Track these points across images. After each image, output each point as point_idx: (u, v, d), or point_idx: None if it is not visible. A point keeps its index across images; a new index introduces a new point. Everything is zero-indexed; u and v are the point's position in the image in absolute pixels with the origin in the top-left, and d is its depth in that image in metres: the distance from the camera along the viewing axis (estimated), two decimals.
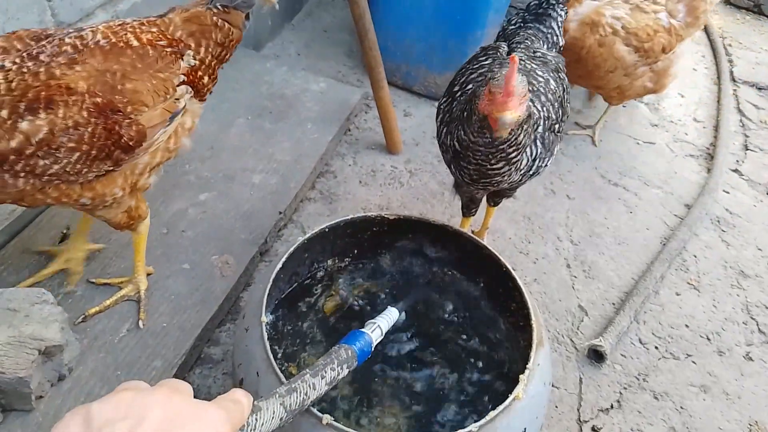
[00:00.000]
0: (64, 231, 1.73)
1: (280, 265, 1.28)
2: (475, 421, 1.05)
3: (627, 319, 1.85)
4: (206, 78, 1.49)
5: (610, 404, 1.68)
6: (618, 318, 1.84)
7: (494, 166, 1.45)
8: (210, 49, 1.47)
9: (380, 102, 2.32)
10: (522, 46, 1.68)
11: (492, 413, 1.05)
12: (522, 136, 1.39)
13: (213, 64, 1.50)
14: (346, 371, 1.07)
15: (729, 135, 2.89)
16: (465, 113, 1.43)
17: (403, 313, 1.37)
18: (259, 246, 1.81)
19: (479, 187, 1.62)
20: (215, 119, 2.18)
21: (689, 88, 3.32)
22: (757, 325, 1.97)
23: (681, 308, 1.98)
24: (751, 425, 1.67)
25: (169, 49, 1.37)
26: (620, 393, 1.71)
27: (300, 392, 0.95)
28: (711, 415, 1.68)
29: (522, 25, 1.82)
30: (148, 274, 1.65)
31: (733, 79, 3.45)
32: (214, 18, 1.46)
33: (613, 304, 1.96)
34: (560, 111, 1.60)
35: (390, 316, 1.27)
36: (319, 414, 1.06)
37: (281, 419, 0.86)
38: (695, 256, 2.19)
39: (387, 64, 2.33)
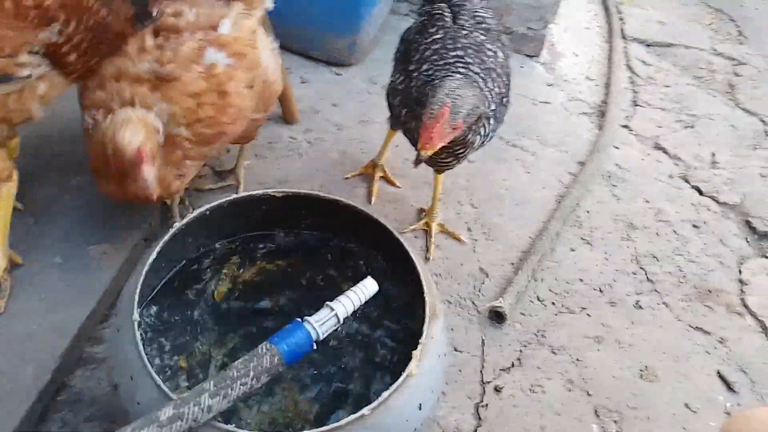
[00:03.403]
0: None
1: (153, 256, 1.17)
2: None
3: (525, 278, 1.89)
4: (73, 56, 1.37)
5: (510, 363, 1.72)
6: (516, 278, 1.88)
7: (444, 160, 1.67)
8: (81, 29, 1.34)
9: None
10: (464, 10, 1.69)
11: (384, 394, 1.03)
12: (470, 135, 1.56)
13: (83, 46, 1.37)
14: (264, 380, 0.94)
15: (619, 92, 3.00)
16: (418, 106, 1.52)
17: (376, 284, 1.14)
18: (142, 231, 1.68)
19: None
20: None
21: (583, 47, 3.41)
22: (646, 274, 2.08)
23: (576, 263, 2.06)
24: (642, 370, 1.77)
25: (33, 12, 1.25)
26: (520, 351, 1.75)
27: (186, 417, 0.83)
28: (605, 365, 1.76)
29: None
30: (16, 264, 1.49)
31: (624, 37, 3.57)
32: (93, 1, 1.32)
33: (512, 264, 2.00)
34: (507, 80, 1.70)
35: (363, 291, 1.09)
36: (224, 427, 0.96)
37: None
38: (588, 212, 2.27)
39: (281, 29, 2.19)
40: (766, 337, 1.94)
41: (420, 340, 1.11)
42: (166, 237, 1.21)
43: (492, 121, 1.64)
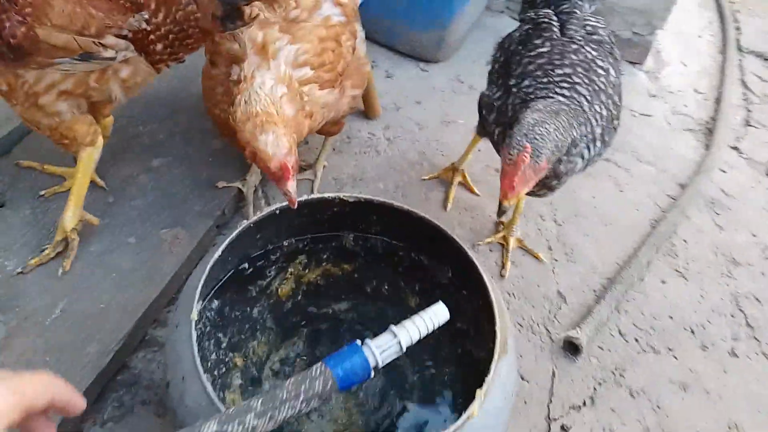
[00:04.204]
0: None
1: (218, 254, 1.14)
2: None
3: (607, 309, 1.74)
4: (160, 46, 1.38)
5: (582, 401, 1.58)
6: (598, 308, 1.73)
7: (537, 192, 1.53)
8: (169, 21, 1.35)
9: None
10: (574, 19, 1.55)
11: None
12: (561, 167, 1.42)
13: (171, 37, 1.38)
14: (315, 405, 0.86)
15: (731, 109, 2.73)
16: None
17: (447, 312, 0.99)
18: (215, 218, 1.67)
19: None
20: (175, 75, 1.99)
21: (693, 57, 3.14)
22: (745, 317, 1.87)
23: (666, 297, 1.87)
24: (730, 427, 1.59)
25: None
26: (594, 389, 1.61)
27: None
28: (688, 416, 1.59)
29: None
30: (92, 224, 1.54)
31: (740, 49, 3.26)
32: None
33: (594, 290, 1.84)
34: (618, 100, 1.53)
35: (432, 318, 0.97)
36: None
37: None
38: (685, 241, 2.07)
39: (368, 20, 2.13)
40: None
41: (486, 379, 1.01)
42: (233, 235, 1.17)
43: (598, 144, 1.47)
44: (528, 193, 1.53)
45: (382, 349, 0.92)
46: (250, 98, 1.27)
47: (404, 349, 0.94)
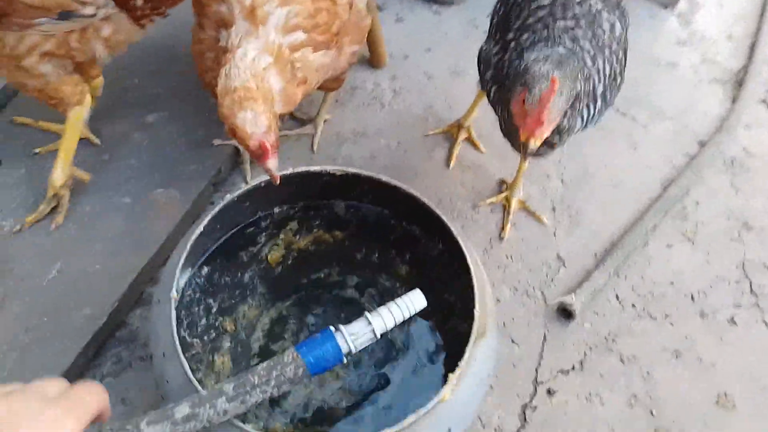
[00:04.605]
0: None
1: (199, 230, 1.14)
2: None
3: (605, 275, 1.72)
4: (140, 1, 1.34)
5: (571, 365, 1.59)
6: (596, 273, 1.71)
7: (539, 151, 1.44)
8: None
9: None
10: None
11: (411, 417, 0.96)
12: (565, 121, 1.34)
13: None
14: (285, 389, 0.90)
15: (766, 59, 2.55)
16: (509, 92, 1.30)
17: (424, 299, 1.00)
18: (210, 177, 1.67)
19: None
20: (168, 23, 1.92)
21: None
22: (750, 284, 1.82)
23: (669, 263, 1.83)
24: (719, 396, 1.59)
25: None
26: (585, 354, 1.62)
27: (201, 419, 0.81)
28: (678, 384, 1.59)
29: None
30: (83, 180, 1.56)
31: None
32: None
33: (596, 254, 1.81)
34: (623, 58, 1.47)
35: (408, 305, 0.97)
36: (247, 429, 0.94)
37: None
38: (697, 203, 2.00)
39: None
40: None
41: (459, 363, 1.01)
42: (215, 210, 1.17)
43: (599, 103, 1.41)
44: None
45: (356, 336, 0.94)
46: (230, 71, 1.22)
47: (378, 337, 0.95)
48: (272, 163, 1.23)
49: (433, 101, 2.14)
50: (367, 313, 0.96)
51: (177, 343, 1.00)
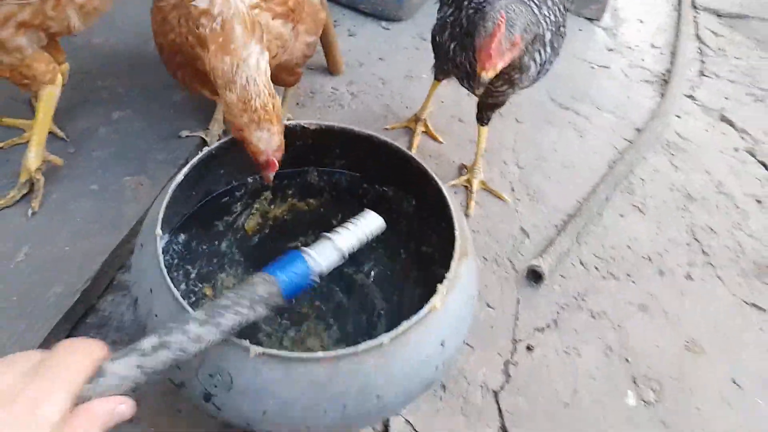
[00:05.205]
0: None
1: (181, 177, 1.15)
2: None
3: (568, 240, 1.80)
4: None
5: (546, 324, 1.64)
6: (559, 239, 1.79)
7: (499, 89, 1.57)
8: None
9: None
10: None
11: (405, 324, 0.97)
12: (526, 58, 1.45)
13: None
14: (261, 311, 0.84)
15: (686, 61, 2.81)
16: (468, 37, 1.41)
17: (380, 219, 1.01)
18: (178, 167, 1.67)
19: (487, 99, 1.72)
20: (131, 28, 1.98)
21: (650, 14, 3.22)
22: (701, 246, 1.94)
23: (624, 230, 1.94)
24: (687, 342, 1.66)
25: None
26: (557, 313, 1.67)
27: (173, 348, 0.71)
28: (648, 334, 1.66)
29: None
30: (56, 164, 1.54)
31: (694, 6, 3.36)
32: None
33: (556, 226, 1.90)
34: (564, 9, 1.59)
35: (365, 224, 0.97)
36: (245, 344, 0.94)
37: (136, 383, 0.65)
38: (642, 180, 2.14)
39: None
40: None
41: (446, 275, 1.05)
42: (195, 160, 1.19)
43: (548, 49, 1.53)
44: (490, 95, 1.60)
45: (321, 253, 0.91)
46: (248, 83, 1.27)
47: (345, 254, 0.94)
48: (271, 175, 1.31)
49: (390, 102, 2.25)
50: (327, 234, 0.94)
51: (165, 274, 0.99)
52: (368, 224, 0.98)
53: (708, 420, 1.50)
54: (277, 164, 1.32)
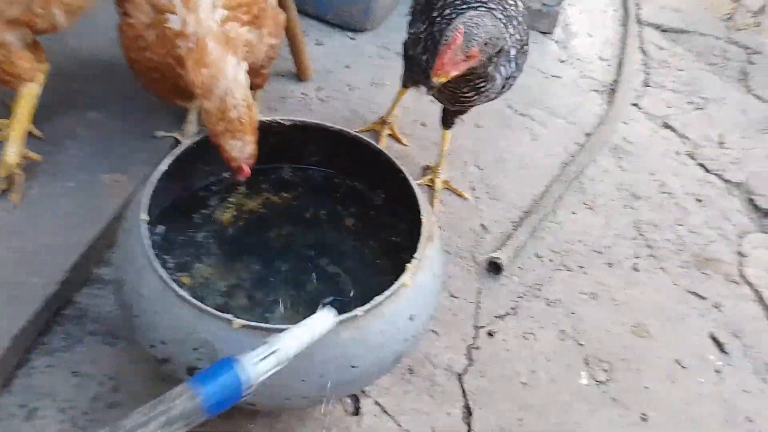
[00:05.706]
0: None
1: (165, 167, 1.22)
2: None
3: (525, 234, 1.92)
4: None
5: (505, 311, 1.75)
6: (517, 233, 1.92)
7: (466, 95, 1.64)
8: None
9: (287, 25, 2.23)
10: None
11: (378, 298, 1.07)
12: (491, 69, 1.54)
13: None
14: (181, 428, 0.77)
15: (631, 72, 3.01)
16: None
17: (335, 316, 0.98)
18: (155, 163, 1.71)
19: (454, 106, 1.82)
20: (112, 33, 2.01)
21: (598, 29, 3.42)
22: (645, 240, 2.10)
23: (576, 226, 2.08)
24: (634, 327, 1.80)
25: None
26: (516, 301, 1.79)
27: None
28: (598, 319, 1.79)
29: None
30: (33, 160, 1.58)
31: (639, 21, 3.57)
32: None
33: (513, 222, 2.03)
34: (527, 29, 1.70)
35: (316, 327, 0.91)
36: (228, 317, 1.01)
37: None
38: (592, 180, 2.30)
39: None
40: (761, 307, 1.96)
41: (414, 255, 1.14)
42: (178, 152, 1.26)
43: (513, 65, 1.64)
44: (456, 102, 1.70)
45: (261, 365, 0.84)
46: (225, 94, 1.35)
47: (284, 361, 0.87)
48: (243, 179, 1.40)
49: (357, 107, 2.35)
50: (268, 339, 0.88)
51: (151, 252, 1.06)
52: (321, 325, 0.93)
53: (654, 397, 1.64)
54: (249, 170, 1.41)
